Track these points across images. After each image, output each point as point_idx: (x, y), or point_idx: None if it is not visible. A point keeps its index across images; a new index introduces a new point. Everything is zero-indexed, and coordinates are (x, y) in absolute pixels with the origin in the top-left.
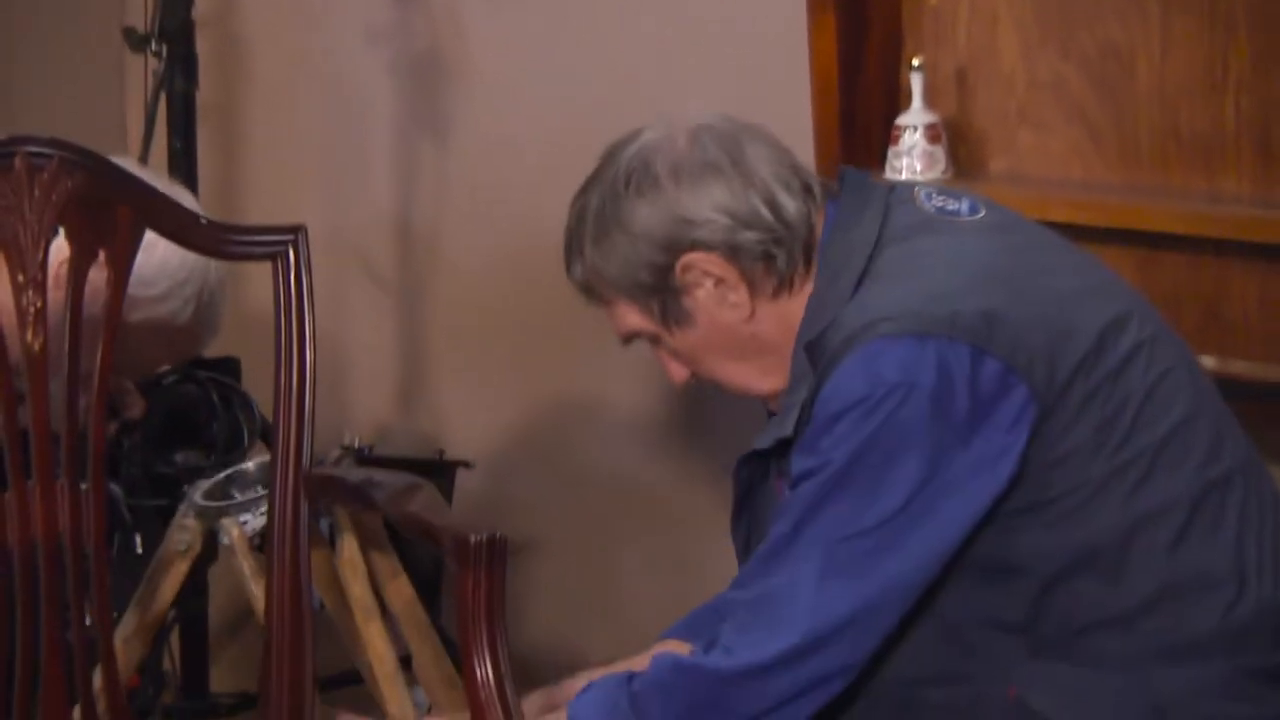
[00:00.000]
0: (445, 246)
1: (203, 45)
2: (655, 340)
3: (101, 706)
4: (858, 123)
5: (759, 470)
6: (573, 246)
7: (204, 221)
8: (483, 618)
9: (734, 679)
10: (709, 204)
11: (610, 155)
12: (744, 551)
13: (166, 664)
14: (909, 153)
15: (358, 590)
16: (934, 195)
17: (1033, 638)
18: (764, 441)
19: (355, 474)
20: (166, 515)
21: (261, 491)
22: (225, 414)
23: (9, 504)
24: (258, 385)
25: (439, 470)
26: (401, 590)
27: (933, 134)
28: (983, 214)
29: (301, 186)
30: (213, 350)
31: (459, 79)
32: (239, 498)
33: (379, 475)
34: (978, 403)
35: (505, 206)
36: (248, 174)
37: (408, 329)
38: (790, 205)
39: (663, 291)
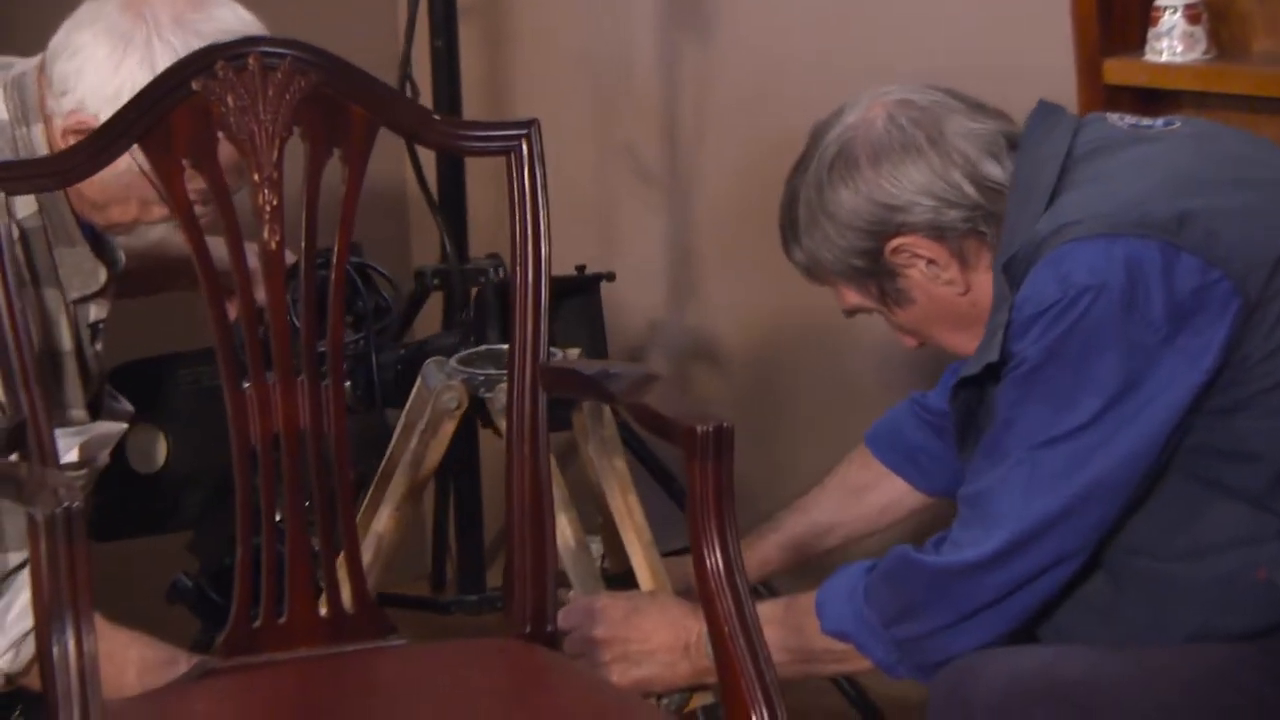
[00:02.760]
0: (709, 143)
1: None
2: (880, 314)
3: (347, 595)
4: (1116, 5)
5: (975, 395)
6: (787, 233)
7: (437, 118)
8: (711, 507)
9: (953, 574)
10: (910, 186)
11: (815, 138)
12: None
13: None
14: (1169, 34)
15: (619, 464)
16: (1126, 117)
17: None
18: (973, 367)
19: (591, 366)
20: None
21: None
22: (366, 288)
23: (250, 399)
24: None
25: (582, 285)
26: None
27: (1192, 14)
28: (1178, 125)
29: (566, 85)
30: None
31: None
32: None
33: (615, 367)
34: (1176, 300)
35: (766, 104)
36: (513, 72)
37: (675, 223)
38: (997, 173)
39: (878, 274)
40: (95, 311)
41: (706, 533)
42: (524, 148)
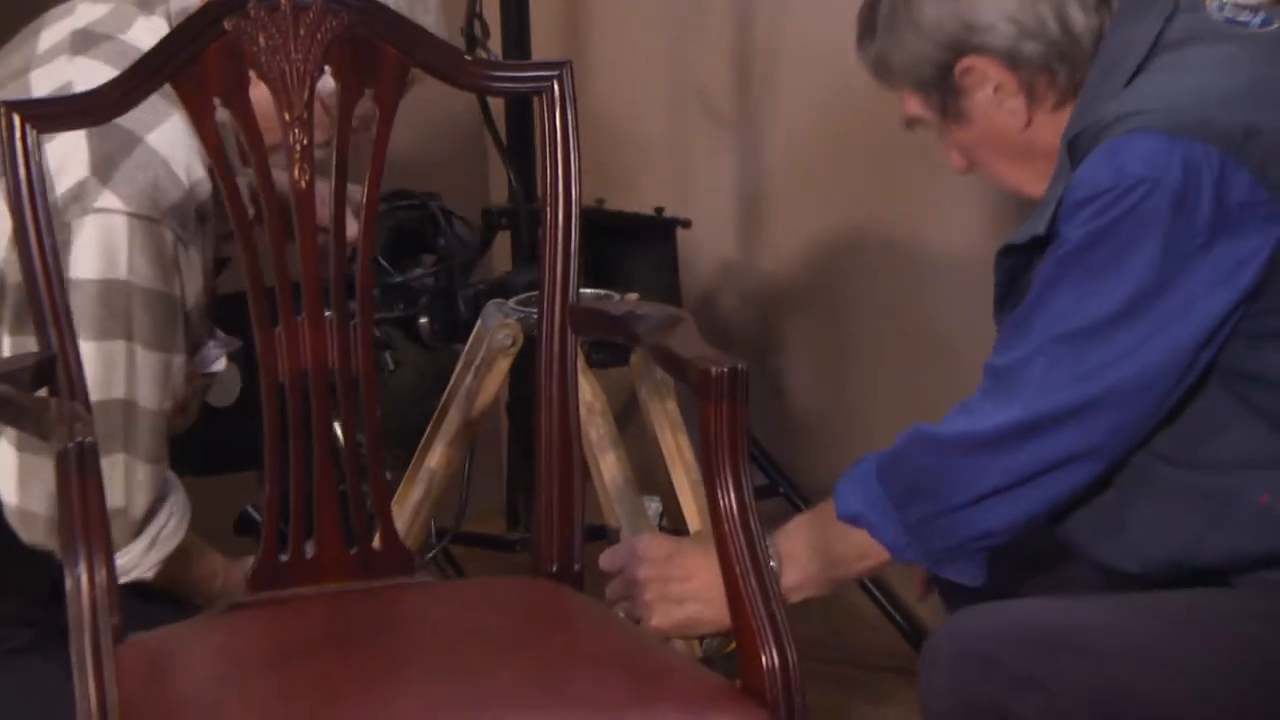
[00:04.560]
0: (782, 86)
1: None
2: (938, 130)
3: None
4: None
5: (1021, 262)
6: (866, 28)
7: (468, 59)
8: (725, 449)
9: (965, 447)
10: (996, 10)
11: None
12: None
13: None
14: None
15: (670, 406)
16: (1227, 5)
17: None
18: (1019, 237)
19: (619, 308)
20: (407, 326)
21: None
22: (449, 228)
23: (279, 339)
24: None
25: (659, 228)
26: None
27: None
28: (1276, 27)
29: (641, 27)
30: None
31: None
32: None
33: (642, 309)
34: (1222, 210)
35: (838, 48)
36: (588, 14)
37: (747, 166)
38: (1080, 20)
39: (943, 88)
40: (229, 247)
41: (720, 474)
42: (555, 88)
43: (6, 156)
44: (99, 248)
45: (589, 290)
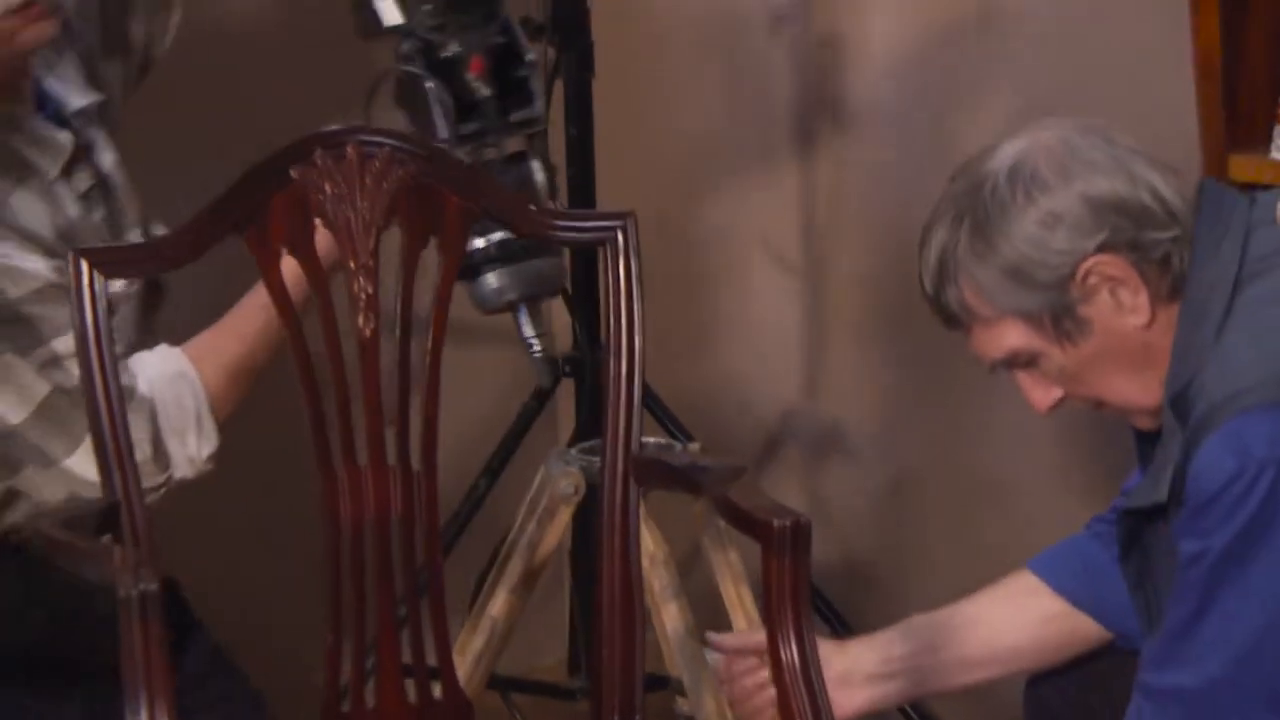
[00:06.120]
0: (846, 227)
1: (603, 34)
2: (1030, 362)
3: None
4: (1241, 104)
5: (1142, 520)
6: (945, 271)
7: (532, 208)
8: (788, 602)
9: None
10: (1104, 203)
11: (970, 171)
12: (1136, 588)
13: None
14: None
15: (732, 556)
16: None
17: None
18: (1141, 501)
19: (681, 458)
20: None
21: None
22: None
23: (342, 486)
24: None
25: None
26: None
27: None
28: None
29: (705, 170)
30: None
31: (857, 61)
32: None
33: (704, 459)
34: None
35: (902, 188)
36: (650, 161)
37: (811, 309)
38: (1174, 199)
39: (1058, 302)
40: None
41: (783, 628)
42: (619, 238)
43: (75, 302)
44: None
45: (651, 440)
